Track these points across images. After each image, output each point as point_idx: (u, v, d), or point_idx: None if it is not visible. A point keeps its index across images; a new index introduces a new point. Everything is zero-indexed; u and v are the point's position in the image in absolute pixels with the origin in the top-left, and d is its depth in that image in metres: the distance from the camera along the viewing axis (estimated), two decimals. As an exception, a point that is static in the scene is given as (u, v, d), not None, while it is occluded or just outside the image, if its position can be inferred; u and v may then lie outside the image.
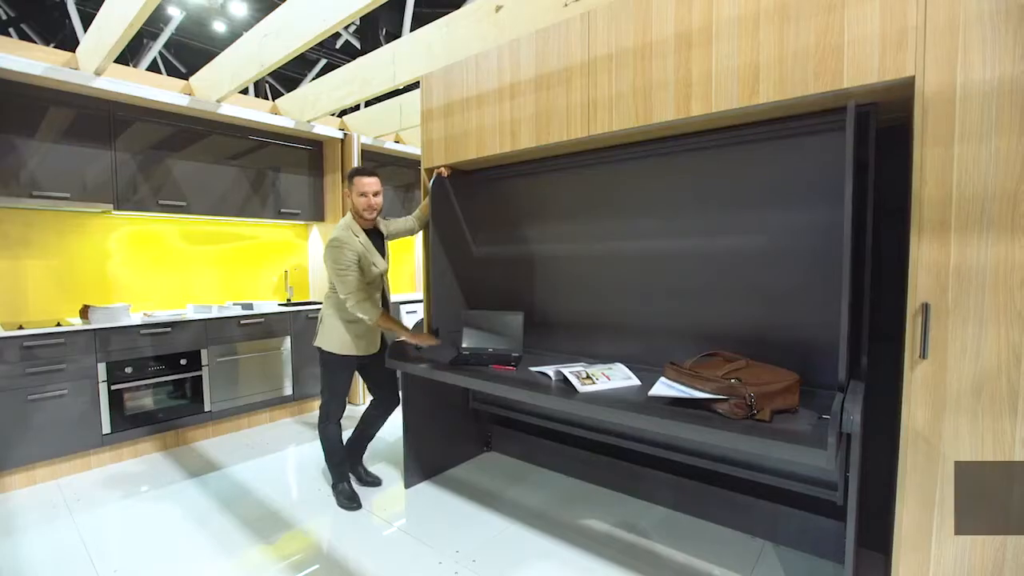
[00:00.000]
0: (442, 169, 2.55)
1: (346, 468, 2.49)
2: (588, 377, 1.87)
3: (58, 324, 2.80)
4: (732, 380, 1.52)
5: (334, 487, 2.46)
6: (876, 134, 1.58)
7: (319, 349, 2.37)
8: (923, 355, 1.32)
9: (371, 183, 2.30)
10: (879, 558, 1.79)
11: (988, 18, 1.22)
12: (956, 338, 1.28)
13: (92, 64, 2.71)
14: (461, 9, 2.51)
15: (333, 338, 2.33)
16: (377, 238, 2.40)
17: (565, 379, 1.87)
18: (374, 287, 2.36)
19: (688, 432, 1.48)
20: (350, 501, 2.38)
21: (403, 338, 2.37)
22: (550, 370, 1.98)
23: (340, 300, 2.29)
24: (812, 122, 1.70)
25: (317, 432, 2.46)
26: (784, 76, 1.50)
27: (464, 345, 2.42)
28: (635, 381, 1.88)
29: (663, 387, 1.65)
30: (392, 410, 2.57)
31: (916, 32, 1.30)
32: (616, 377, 1.90)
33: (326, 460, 2.47)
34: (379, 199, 2.33)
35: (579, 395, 1.76)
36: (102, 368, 2.82)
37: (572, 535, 2.14)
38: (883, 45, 1.35)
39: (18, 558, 2.00)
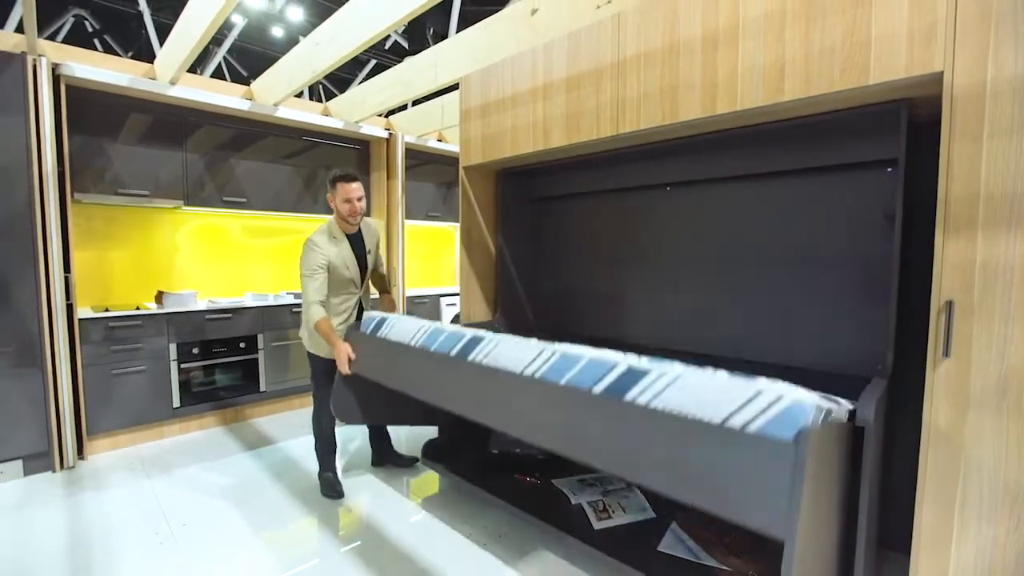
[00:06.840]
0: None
1: (332, 458, 2.52)
2: (604, 509, 2.02)
3: (137, 308, 3.13)
4: (750, 574, 1.61)
5: (319, 474, 2.51)
6: (908, 130, 1.56)
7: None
8: (946, 353, 1.31)
9: (355, 188, 2.29)
10: (901, 558, 1.76)
11: (1022, 11, 1.19)
12: (981, 336, 1.27)
13: (168, 74, 3.00)
14: (499, 12, 2.61)
15: (313, 338, 2.37)
16: (358, 243, 2.42)
17: (582, 508, 2.03)
18: (342, 289, 2.37)
19: None
20: (331, 489, 2.41)
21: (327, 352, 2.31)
22: (569, 491, 2.15)
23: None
24: (842, 119, 1.68)
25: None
26: (810, 73, 1.50)
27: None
28: (650, 514, 2.01)
29: (673, 539, 1.82)
30: None
31: (946, 26, 1.28)
32: (631, 509, 2.04)
33: (315, 445, 2.51)
34: (363, 203, 2.33)
35: (595, 529, 1.89)
36: (173, 348, 3.14)
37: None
38: (911, 40, 1.34)
39: (105, 510, 2.30)
